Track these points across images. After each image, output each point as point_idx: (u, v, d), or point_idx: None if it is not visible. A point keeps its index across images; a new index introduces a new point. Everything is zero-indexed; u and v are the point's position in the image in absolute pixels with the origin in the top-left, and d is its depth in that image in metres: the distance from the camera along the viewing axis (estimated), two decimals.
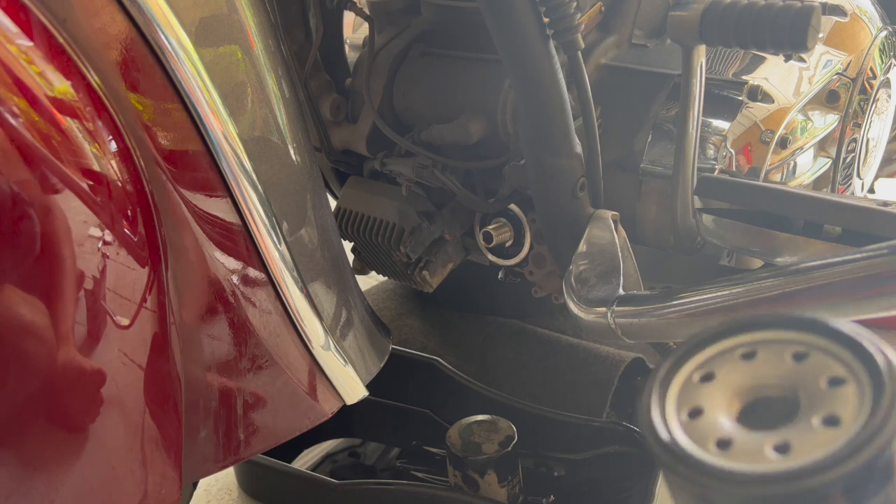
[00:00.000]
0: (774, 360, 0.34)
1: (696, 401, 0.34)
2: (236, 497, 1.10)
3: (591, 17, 0.87)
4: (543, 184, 0.78)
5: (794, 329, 0.34)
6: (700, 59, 0.75)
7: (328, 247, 0.68)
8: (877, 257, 0.59)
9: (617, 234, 0.78)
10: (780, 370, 0.34)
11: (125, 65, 0.53)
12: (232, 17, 0.58)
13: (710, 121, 0.83)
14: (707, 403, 0.34)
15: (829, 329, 0.33)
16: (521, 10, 0.69)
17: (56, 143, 0.47)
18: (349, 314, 0.70)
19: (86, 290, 0.48)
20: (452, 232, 0.94)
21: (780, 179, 0.86)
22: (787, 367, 0.33)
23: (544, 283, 0.91)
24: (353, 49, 1.06)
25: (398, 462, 1.10)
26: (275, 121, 0.62)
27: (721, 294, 0.66)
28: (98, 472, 0.50)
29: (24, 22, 0.49)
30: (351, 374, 0.67)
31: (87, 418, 0.49)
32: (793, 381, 0.33)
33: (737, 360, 0.35)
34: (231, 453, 0.61)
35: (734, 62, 0.88)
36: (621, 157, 0.86)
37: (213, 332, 0.59)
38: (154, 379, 0.53)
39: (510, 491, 0.91)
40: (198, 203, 0.57)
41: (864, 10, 0.97)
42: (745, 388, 0.34)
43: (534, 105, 0.74)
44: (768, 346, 0.34)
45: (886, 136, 1.06)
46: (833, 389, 0.32)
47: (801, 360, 0.33)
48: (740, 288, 0.65)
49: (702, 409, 0.34)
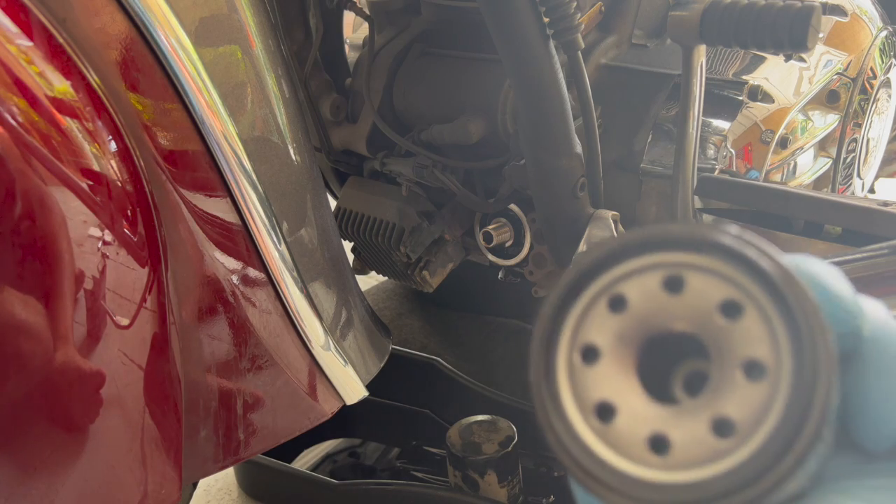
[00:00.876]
0: (702, 301, 0.26)
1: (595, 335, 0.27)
2: (236, 497, 1.10)
3: (591, 17, 0.87)
4: (543, 184, 0.78)
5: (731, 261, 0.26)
6: (700, 59, 0.75)
7: (328, 247, 0.68)
8: (877, 257, 0.59)
9: (617, 233, 0.78)
10: (704, 318, 0.26)
11: (125, 65, 0.53)
12: (232, 17, 0.58)
13: (710, 121, 0.83)
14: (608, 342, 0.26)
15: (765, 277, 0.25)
16: (521, 10, 0.69)
17: (56, 143, 0.47)
18: (349, 314, 0.70)
19: (85, 290, 0.48)
20: (452, 232, 0.93)
21: (780, 179, 0.86)
22: (712, 318, 0.26)
23: (544, 283, 0.91)
24: (353, 49, 1.07)
25: (398, 462, 1.10)
26: (275, 121, 0.62)
27: None
28: (98, 472, 0.50)
29: (24, 22, 0.49)
30: (351, 374, 0.67)
31: (86, 418, 0.49)
32: (712, 340, 0.26)
33: (657, 287, 0.26)
34: (231, 453, 0.61)
35: (734, 62, 0.88)
36: (621, 157, 0.86)
37: (212, 332, 0.59)
38: (154, 379, 0.53)
39: (510, 491, 0.91)
40: (198, 203, 0.57)
41: (864, 10, 0.97)
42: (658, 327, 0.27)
43: (534, 105, 0.74)
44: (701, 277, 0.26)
45: (886, 135, 1.06)
46: (747, 380, 0.25)
47: (731, 315, 0.25)
48: None
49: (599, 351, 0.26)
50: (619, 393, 0.26)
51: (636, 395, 0.27)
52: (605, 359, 0.27)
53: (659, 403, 0.26)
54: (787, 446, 0.24)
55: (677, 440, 0.25)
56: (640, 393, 0.27)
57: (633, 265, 0.27)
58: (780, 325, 0.25)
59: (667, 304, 0.26)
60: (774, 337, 0.25)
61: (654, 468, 0.25)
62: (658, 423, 0.26)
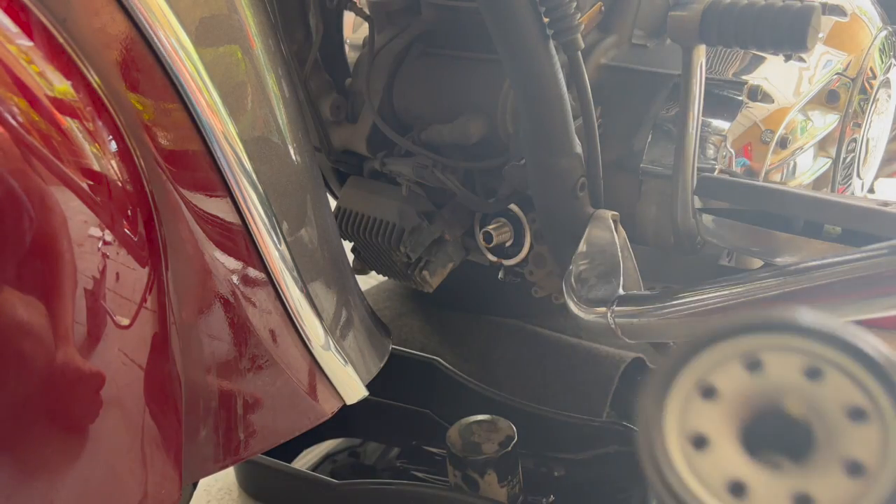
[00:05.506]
0: (784, 374, 0.29)
1: (699, 424, 0.29)
2: (236, 497, 1.10)
3: (591, 17, 0.87)
4: (543, 184, 0.78)
5: (805, 336, 0.28)
6: (700, 58, 0.75)
7: (328, 247, 0.68)
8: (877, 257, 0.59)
9: (617, 234, 0.78)
10: (790, 387, 0.29)
11: (125, 65, 0.53)
12: (232, 17, 0.58)
13: (710, 121, 0.83)
14: (711, 428, 0.29)
15: (849, 345, 0.28)
16: (521, 10, 0.69)
17: (56, 143, 0.47)
18: (349, 314, 0.70)
19: (85, 290, 0.48)
20: (452, 232, 0.93)
21: (780, 179, 0.86)
22: (799, 385, 0.28)
23: (544, 283, 0.91)
24: (353, 49, 1.06)
25: (398, 462, 1.10)
26: (275, 121, 0.62)
27: (721, 294, 0.66)
28: (98, 473, 0.50)
29: (24, 22, 0.49)
30: (351, 373, 0.67)
31: (86, 418, 0.49)
32: (806, 403, 0.28)
33: (739, 369, 0.29)
34: (231, 453, 0.61)
35: (734, 62, 0.88)
36: (621, 157, 0.86)
37: (213, 332, 0.59)
38: (154, 379, 0.53)
39: (510, 491, 0.91)
40: (198, 203, 0.57)
41: (864, 10, 0.97)
42: (751, 405, 0.29)
43: (534, 105, 0.74)
44: (775, 355, 0.29)
45: (886, 135, 1.06)
46: (854, 424, 0.27)
47: (815, 378, 0.28)
48: (740, 288, 0.65)
49: (706, 437, 0.29)
50: (742, 470, 0.29)
51: (756, 468, 0.28)
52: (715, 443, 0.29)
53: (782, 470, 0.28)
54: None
55: (818, 493, 0.27)
56: (758, 465, 0.29)
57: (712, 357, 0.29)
58: (861, 373, 0.27)
59: (754, 383, 0.29)
60: (861, 385, 0.27)
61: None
62: (793, 485, 0.27)
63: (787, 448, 0.29)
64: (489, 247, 0.91)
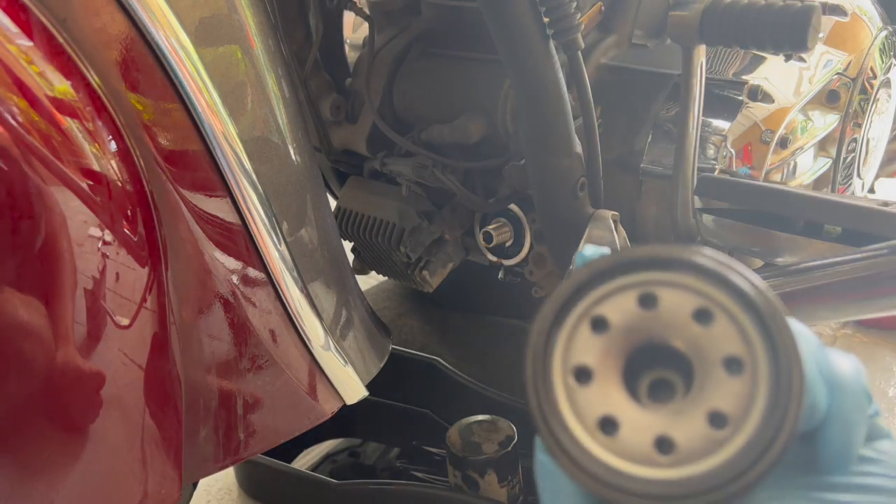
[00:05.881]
0: (675, 313, 0.28)
1: (585, 356, 0.29)
2: (236, 497, 1.10)
3: (591, 17, 0.87)
4: (543, 184, 0.78)
5: (697, 275, 0.28)
6: (700, 59, 0.75)
7: (328, 247, 0.68)
8: (877, 257, 0.59)
9: (617, 233, 0.78)
10: (679, 327, 0.28)
11: (125, 65, 0.53)
12: (232, 17, 0.58)
13: (710, 121, 0.83)
14: (596, 361, 0.29)
15: (734, 287, 0.27)
16: (521, 10, 0.69)
17: (56, 143, 0.47)
18: (349, 314, 0.70)
19: (85, 290, 0.48)
20: (452, 232, 0.93)
21: (780, 179, 0.86)
22: (687, 326, 0.28)
23: (544, 283, 0.91)
24: (353, 49, 1.06)
25: (398, 462, 1.10)
26: (275, 121, 0.62)
27: None
28: (98, 472, 0.50)
29: (24, 22, 0.49)
30: (351, 374, 0.67)
31: (87, 418, 0.49)
32: (692, 345, 0.28)
33: (633, 304, 0.29)
34: (231, 453, 0.61)
35: (734, 62, 0.88)
36: (621, 157, 0.86)
37: (213, 332, 0.59)
38: (154, 379, 0.53)
39: (510, 491, 0.91)
40: (198, 203, 0.57)
41: (865, 10, 0.97)
42: (639, 342, 0.29)
43: (534, 105, 0.74)
44: (670, 292, 0.28)
45: (886, 135, 1.06)
46: (728, 375, 0.27)
47: (704, 321, 0.28)
48: None
49: (590, 370, 0.29)
50: (616, 406, 0.29)
51: (630, 405, 0.29)
52: (597, 377, 0.29)
53: (653, 408, 0.29)
54: (778, 427, 0.26)
55: (680, 438, 0.27)
56: (632, 402, 0.29)
57: (607, 288, 0.29)
58: (748, 324, 0.27)
59: (644, 319, 0.29)
60: (745, 335, 0.27)
61: (665, 467, 0.27)
62: (659, 426, 0.28)
63: (666, 389, 0.29)
64: (489, 247, 0.91)
